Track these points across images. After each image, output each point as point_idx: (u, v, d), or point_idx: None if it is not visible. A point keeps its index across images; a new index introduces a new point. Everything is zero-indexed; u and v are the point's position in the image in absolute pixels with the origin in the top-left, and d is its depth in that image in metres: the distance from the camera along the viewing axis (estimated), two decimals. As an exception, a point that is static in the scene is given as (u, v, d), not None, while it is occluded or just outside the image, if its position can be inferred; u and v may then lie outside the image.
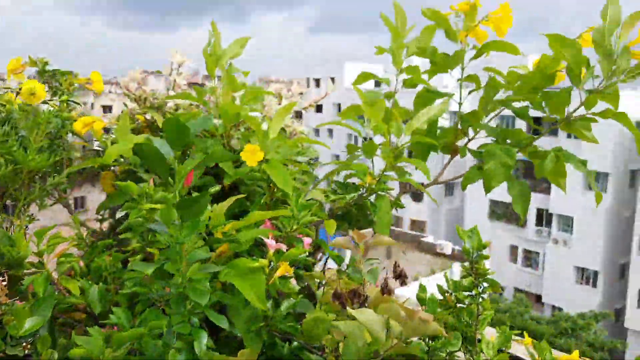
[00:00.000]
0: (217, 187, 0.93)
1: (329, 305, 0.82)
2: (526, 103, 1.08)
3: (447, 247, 21.04)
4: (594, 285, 21.73)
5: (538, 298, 22.88)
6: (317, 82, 29.22)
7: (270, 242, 0.91)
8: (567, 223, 21.93)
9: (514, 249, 23.80)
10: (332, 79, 28.40)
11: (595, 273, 21.60)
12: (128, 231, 1.12)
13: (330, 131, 27.33)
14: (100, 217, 1.27)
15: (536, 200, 21.40)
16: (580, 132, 1.04)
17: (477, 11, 1.08)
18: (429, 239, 21.69)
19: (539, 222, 23.24)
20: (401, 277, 0.82)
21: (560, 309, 20.00)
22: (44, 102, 1.27)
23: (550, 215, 22.44)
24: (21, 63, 1.36)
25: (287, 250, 0.93)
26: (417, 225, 25.58)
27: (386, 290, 0.76)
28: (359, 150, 1.29)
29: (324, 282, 0.89)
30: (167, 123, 0.72)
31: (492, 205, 23.61)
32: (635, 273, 20.06)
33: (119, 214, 1.18)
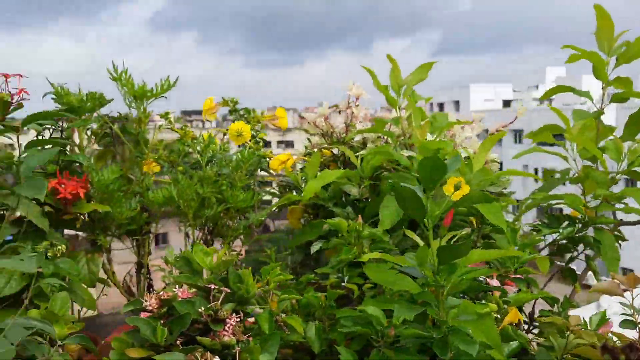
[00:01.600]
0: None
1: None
2: None
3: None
4: None
5: None
6: (441, 106, 28.66)
7: (495, 283, 0.83)
8: None
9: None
10: (457, 102, 27.70)
11: None
12: (324, 266, 1.12)
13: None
14: (290, 252, 1.30)
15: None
16: None
17: None
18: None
19: None
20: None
21: None
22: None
23: None
24: (214, 103, 1.46)
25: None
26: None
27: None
28: (557, 174, 1.18)
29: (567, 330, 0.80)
30: (424, 162, 0.69)
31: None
32: None
33: (313, 248, 1.19)
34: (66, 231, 1.16)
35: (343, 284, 1.05)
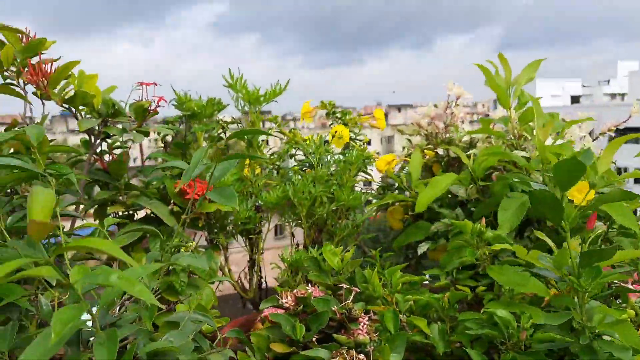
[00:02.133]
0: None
1: None
2: None
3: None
4: None
5: None
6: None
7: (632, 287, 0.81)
8: None
9: None
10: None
11: None
12: (435, 267, 1.13)
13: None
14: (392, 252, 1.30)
15: None
16: None
17: None
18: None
19: None
20: None
21: None
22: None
23: None
24: (312, 106, 1.49)
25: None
26: None
27: None
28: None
29: None
30: (562, 164, 0.68)
31: None
32: None
33: (420, 249, 1.19)
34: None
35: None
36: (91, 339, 0.57)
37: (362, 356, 0.72)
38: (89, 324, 0.51)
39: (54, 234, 0.69)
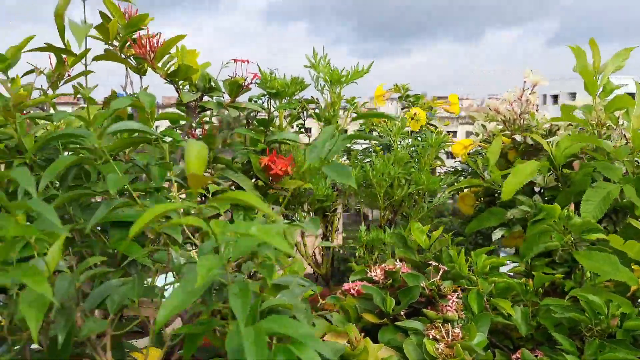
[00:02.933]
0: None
1: None
2: None
3: None
4: None
5: None
6: (555, 98, 26.91)
7: None
8: None
9: None
10: (573, 94, 25.85)
11: None
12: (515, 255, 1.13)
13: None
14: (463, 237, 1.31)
15: None
16: None
17: None
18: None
19: None
20: None
21: None
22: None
23: None
24: (384, 90, 1.50)
25: None
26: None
27: None
28: None
29: None
30: None
31: None
32: None
33: (494, 235, 1.19)
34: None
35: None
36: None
37: (457, 330, 0.73)
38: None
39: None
